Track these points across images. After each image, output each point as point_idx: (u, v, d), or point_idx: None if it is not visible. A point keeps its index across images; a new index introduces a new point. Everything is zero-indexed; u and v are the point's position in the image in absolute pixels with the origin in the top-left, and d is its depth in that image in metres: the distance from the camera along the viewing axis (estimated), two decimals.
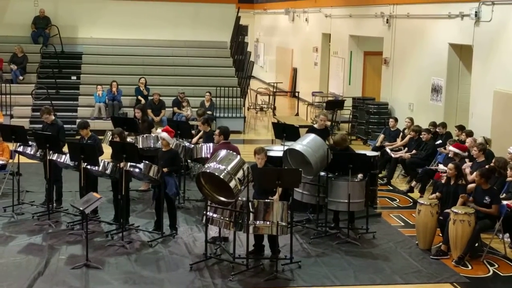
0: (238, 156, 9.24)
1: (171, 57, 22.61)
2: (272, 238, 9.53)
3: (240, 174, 8.95)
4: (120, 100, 19.61)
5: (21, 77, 20.52)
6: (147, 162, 10.44)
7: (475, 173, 10.60)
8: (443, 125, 14.83)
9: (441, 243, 10.24)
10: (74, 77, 21.33)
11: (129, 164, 10.35)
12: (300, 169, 9.65)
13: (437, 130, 14.76)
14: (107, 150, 11.38)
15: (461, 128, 14.12)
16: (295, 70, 29.36)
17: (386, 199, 13.37)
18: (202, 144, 12.33)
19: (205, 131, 12.68)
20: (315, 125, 12.71)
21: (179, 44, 23.23)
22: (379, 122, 18.56)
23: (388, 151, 14.85)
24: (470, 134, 13.50)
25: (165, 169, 10.34)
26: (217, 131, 11.12)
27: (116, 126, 12.56)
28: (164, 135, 10.72)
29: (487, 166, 11.05)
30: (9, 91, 19.35)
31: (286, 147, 11.31)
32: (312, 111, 22.55)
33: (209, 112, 18.71)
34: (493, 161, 11.34)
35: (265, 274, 9.19)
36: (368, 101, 19.70)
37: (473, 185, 10.65)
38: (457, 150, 12.33)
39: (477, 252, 10.12)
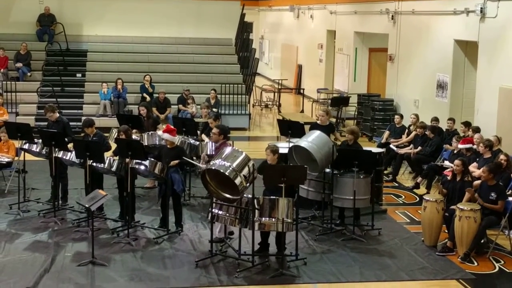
0: (244, 153, 9.23)
1: (176, 54, 22.64)
2: (279, 235, 9.53)
3: (245, 171, 8.94)
4: (125, 97, 19.63)
5: (29, 74, 20.57)
6: (152, 159, 10.44)
7: (481, 169, 10.57)
8: (453, 120, 14.79)
9: (446, 240, 10.23)
10: (79, 75, 21.38)
11: (134, 161, 10.36)
12: (305, 166, 9.65)
13: (446, 125, 14.71)
14: (112, 147, 11.40)
15: (467, 124, 14.09)
16: (300, 67, 29.34)
17: (392, 195, 13.36)
18: (207, 141, 12.32)
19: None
20: (318, 121, 12.71)
21: (184, 41, 23.25)
22: (384, 119, 18.54)
23: (394, 147, 14.84)
24: (477, 130, 13.48)
25: (174, 162, 10.30)
26: (216, 130, 10.92)
27: (121, 123, 12.57)
28: (166, 136, 10.67)
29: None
30: (15, 88, 19.39)
31: (291, 144, 11.30)
32: (317, 108, 22.52)
33: (214, 110, 18.73)
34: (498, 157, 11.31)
35: (270, 271, 9.19)
36: (373, 97, 19.68)
37: (479, 181, 10.63)
38: (467, 146, 12.37)
39: (483, 249, 10.10)
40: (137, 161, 10.36)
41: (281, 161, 9.94)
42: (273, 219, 9.00)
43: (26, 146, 11.85)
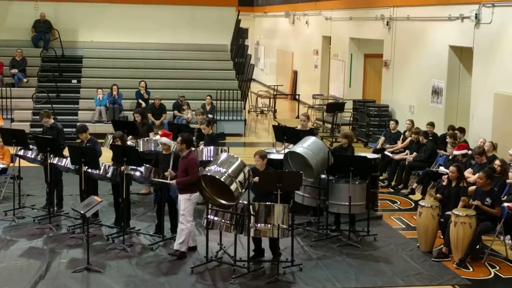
0: (239, 159, 9.23)
1: (171, 60, 22.63)
2: (273, 240, 9.52)
3: (241, 177, 8.95)
4: (120, 103, 19.62)
5: (24, 80, 20.55)
6: (147, 165, 10.43)
7: (478, 174, 10.58)
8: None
9: (442, 245, 10.23)
10: (74, 81, 21.36)
11: (130, 167, 10.34)
12: (301, 172, 9.65)
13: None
14: (109, 154, 11.37)
15: (461, 130, 14.16)
16: (295, 73, 29.37)
17: (387, 201, 13.36)
18: (203, 147, 12.31)
19: (208, 133, 12.62)
20: (299, 127, 12.77)
21: (180, 47, 23.23)
22: (379, 125, 18.57)
23: (389, 153, 14.85)
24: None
25: (167, 173, 10.26)
26: (179, 139, 9.99)
27: (117, 129, 12.56)
28: (164, 140, 10.63)
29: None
30: (10, 94, 19.37)
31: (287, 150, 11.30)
32: (312, 114, 22.55)
33: (210, 116, 18.75)
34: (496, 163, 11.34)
35: (266, 277, 9.18)
36: (368, 103, 19.71)
37: (474, 187, 10.65)
38: (463, 152, 12.41)
39: (479, 254, 10.11)
40: (132, 167, 10.34)
41: (269, 166, 9.92)
42: (269, 225, 9.00)
43: (21, 152, 11.83)
